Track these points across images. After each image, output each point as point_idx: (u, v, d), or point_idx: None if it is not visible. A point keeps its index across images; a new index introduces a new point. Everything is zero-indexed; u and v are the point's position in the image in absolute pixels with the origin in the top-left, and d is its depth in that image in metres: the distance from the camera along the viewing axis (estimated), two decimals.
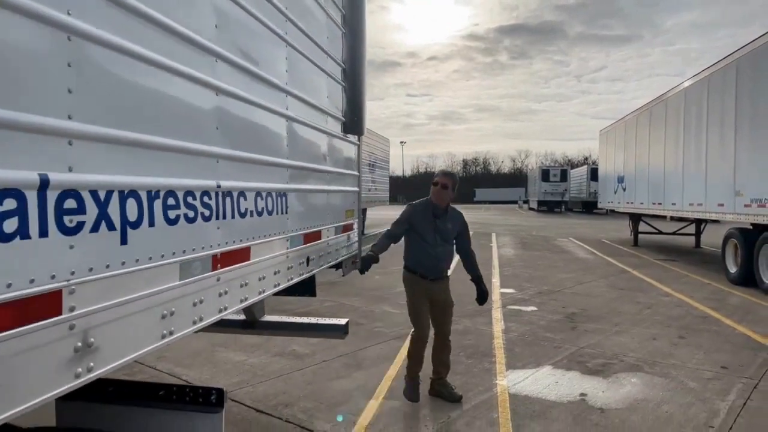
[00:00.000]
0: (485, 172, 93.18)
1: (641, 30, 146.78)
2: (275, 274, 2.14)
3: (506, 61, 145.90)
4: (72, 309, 1.06)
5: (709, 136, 10.57)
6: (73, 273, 1.07)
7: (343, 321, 3.35)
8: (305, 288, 3.14)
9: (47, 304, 1.01)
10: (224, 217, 1.69)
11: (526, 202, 52.42)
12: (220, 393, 1.73)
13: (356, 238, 3.62)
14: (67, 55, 1.06)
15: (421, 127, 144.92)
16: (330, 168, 2.92)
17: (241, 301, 1.83)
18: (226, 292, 1.70)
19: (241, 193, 1.81)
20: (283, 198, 2.20)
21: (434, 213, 3.83)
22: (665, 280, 9.81)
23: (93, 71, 1.13)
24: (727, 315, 6.98)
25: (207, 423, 1.70)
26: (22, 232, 0.95)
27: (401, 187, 67.09)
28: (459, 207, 4.19)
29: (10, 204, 0.92)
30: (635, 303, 7.74)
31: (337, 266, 3.33)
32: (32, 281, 0.97)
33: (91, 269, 1.11)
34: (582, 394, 4.13)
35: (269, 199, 2.05)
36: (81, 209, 1.09)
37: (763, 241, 8.67)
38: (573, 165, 58.53)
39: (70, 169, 1.06)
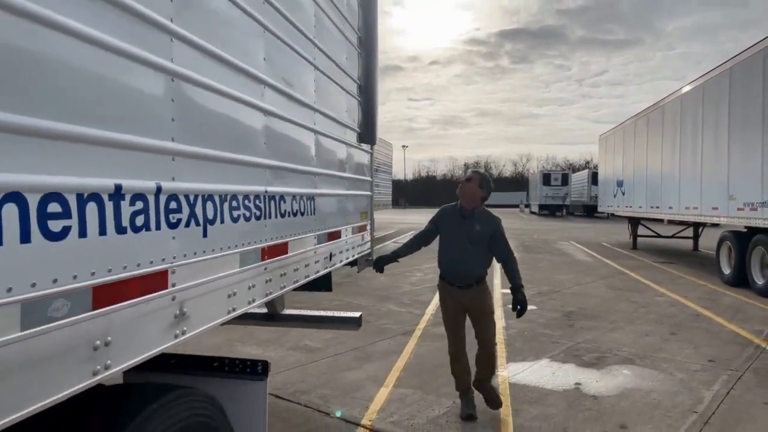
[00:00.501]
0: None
1: (642, 34, 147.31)
2: (306, 266, 2.48)
3: (508, 66, 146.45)
4: (174, 285, 1.40)
5: (704, 142, 10.91)
6: (174, 258, 1.40)
7: (356, 314, 3.68)
8: (323, 283, 3.47)
9: (158, 281, 1.34)
10: (270, 217, 2.03)
11: (527, 206, 52.66)
12: (265, 364, 2.06)
13: (369, 238, 3.95)
14: (171, 93, 1.39)
15: (423, 131, 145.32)
16: (348, 174, 3.27)
17: (281, 288, 2.16)
18: (270, 280, 2.04)
19: (282, 197, 2.15)
20: (312, 201, 2.54)
21: (462, 214, 3.63)
22: (661, 281, 10.11)
23: (187, 104, 1.47)
24: (718, 314, 7.29)
25: (254, 389, 2.04)
26: (147, 226, 1.28)
27: (403, 191, 67.47)
28: None
29: (139, 205, 1.26)
30: (631, 302, 8.05)
31: (353, 263, 3.66)
32: (151, 262, 1.31)
33: (185, 255, 1.45)
34: (577, 384, 4.45)
35: (302, 202, 2.39)
36: (179, 209, 1.42)
37: (755, 243, 8.98)
38: (574, 169, 58.71)
39: (173, 179, 1.40)
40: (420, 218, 24.69)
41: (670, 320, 6.90)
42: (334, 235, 2.96)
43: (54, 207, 1.01)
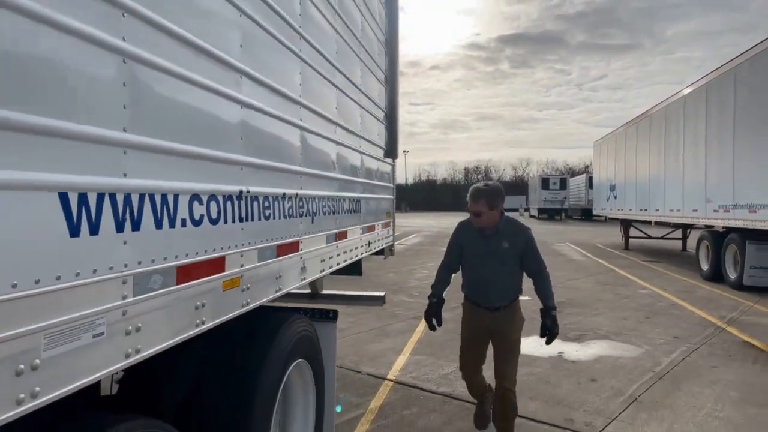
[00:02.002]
0: (487, 180, 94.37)
1: (642, 39, 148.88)
2: (356, 248, 3.47)
3: (508, 70, 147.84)
4: (301, 249, 2.39)
5: (685, 150, 11.91)
6: (302, 234, 2.40)
7: (381, 293, 4.65)
8: (356, 269, 4.44)
9: (296, 247, 2.33)
10: (338, 213, 3.02)
11: (527, 209, 53.58)
12: (335, 312, 3.05)
13: (392, 233, 4.94)
14: (301, 141, 2.40)
15: (424, 135, 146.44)
16: (378, 183, 4.27)
17: (344, 261, 3.16)
18: (339, 254, 3.03)
19: (344, 200, 3.15)
20: (359, 203, 3.54)
21: (482, 232, 3.16)
22: (646, 277, 11.10)
23: (308, 146, 2.47)
24: (691, 303, 8.28)
25: (328, 327, 3.01)
26: (293, 215, 2.28)
27: (404, 195, 68.48)
28: (461, 216, 5.21)
29: (290, 203, 2.25)
30: (615, 294, 9.04)
31: (380, 252, 4.64)
32: (294, 235, 2.30)
33: (305, 233, 2.44)
34: (560, 352, 5.43)
35: (354, 203, 3.38)
36: (303, 206, 2.41)
37: (728, 242, 9.96)
38: (574, 173, 59.60)
39: (301, 188, 2.39)
40: (422, 222, 25.61)
41: (647, 308, 7.88)
42: (371, 228, 3.96)
43: (265, 203, 2.00)
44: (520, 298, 3.33)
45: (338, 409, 3.48)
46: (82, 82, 1.08)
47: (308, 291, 4.48)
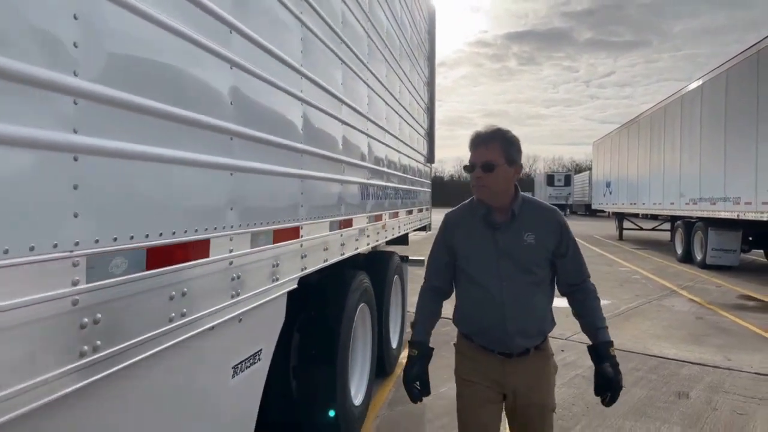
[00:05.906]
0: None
1: (649, 36, 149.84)
2: (414, 222, 5.55)
3: (515, 67, 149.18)
4: (398, 216, 4.46)
5: (665, 151, 13.90)
6: (399, 208, 4.47)
7: (422, 257, 6.74)
8: (404, 239, 6.53)
9: (397, 215, 4.39)
10: (408, 198, 5.09)
11: None
12: (407, 257, 5.14)
13: (430, 214, 7.04)
14: (397, 157, 4.46)
15: None
16: (422, 180, 6.36)
17: (409, 228, 5.23)
18: (409, 223, 5.10)
19: (409, 191, 5.22)
20: (416, 193, 5.62)
21: (488, 220, 1.90)
22: (630, 260, 13.11)
23: (403, 162, 4.54)
24: (660, 277, 10.30)
25: (404, 265, 5.10)
26: (395, 198, 4.35)
27: None
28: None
29: (394, 192, 4.32)
30: (599, 272, 11.05)
31: (423, 228, 6.73)
32: (396, 208, 4.37)
33: (400, 208, 4.51)
34: None
35: (414, 193, 5.46)
36: (399, 194, 4.48)
37: (696, 229, 11.95)
38: (580, 169, 61.07)
39: (400, 184, 4.46)
40: (432, 216, 27.56)
41: (623, 279, 9.92)
42: (420, 210, 6.05)
43: (391, 191, 4.06)
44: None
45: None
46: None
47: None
